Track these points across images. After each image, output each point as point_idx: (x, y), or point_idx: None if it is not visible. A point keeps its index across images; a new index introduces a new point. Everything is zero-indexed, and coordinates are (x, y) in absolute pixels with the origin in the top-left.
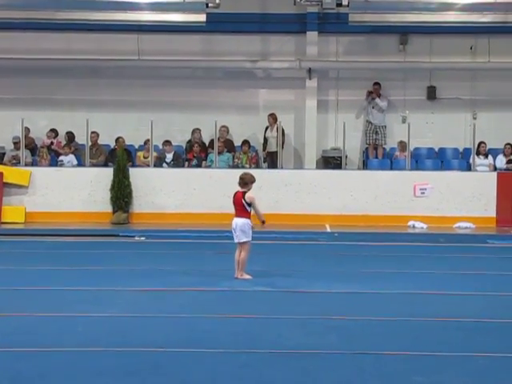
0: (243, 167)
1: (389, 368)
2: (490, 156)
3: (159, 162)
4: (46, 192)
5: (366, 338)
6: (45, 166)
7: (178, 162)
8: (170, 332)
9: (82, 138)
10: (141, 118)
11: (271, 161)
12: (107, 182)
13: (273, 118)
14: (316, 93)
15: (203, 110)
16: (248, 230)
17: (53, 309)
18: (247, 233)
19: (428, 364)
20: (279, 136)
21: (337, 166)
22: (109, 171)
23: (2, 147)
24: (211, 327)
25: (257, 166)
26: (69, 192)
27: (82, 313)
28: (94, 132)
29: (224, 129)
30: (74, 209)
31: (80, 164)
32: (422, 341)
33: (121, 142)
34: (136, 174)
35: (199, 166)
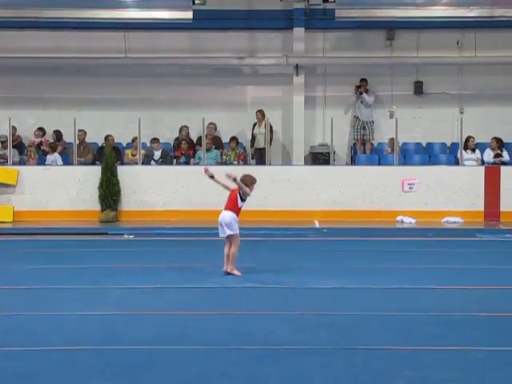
0: (231, 164)
1: (379, 363)
2: (478, 150)
3: (147, 160)
4: (34, 191)
5: (357, 334)
6: (33, 165)
7: (166, 160)
8: (160, 329)
9: (70, 137)
10: (128, 116)
11: (259, 157)
12: (95, 181)
13: (261, 114)
14: (303, 89)
15: (191, 108)
16: (234, 224)
17: (42, 308)
18: (233, 226)
19: (418, 359)
20: (267, 132)
21: (325, 162)
22: (97, 169)
23: None
24: (201, 324)
25: (245, 163)
26: (57, 191)
27: (72, 311)
28: (82, 130)
29: (212, 126)
30: (63, 207)
31: (68, 163)
32: (412, 335)
33: (110, 141)
34: (124, 172)
35: (187, 164)
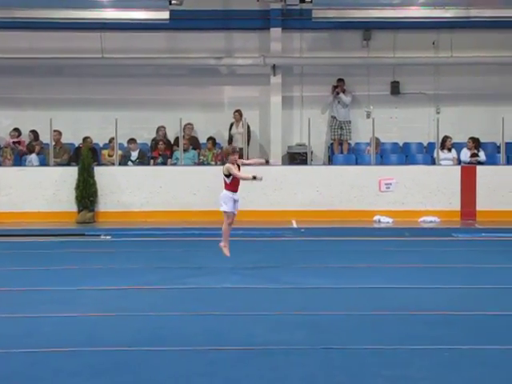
0: (209, 164)
1: (357, 362)
2: (454, 150)
3: (124, 161)
4: (10, 192)
5: (334, 333)
6: (8, 166)
7: (144, 160)
8: (137, 330)
9: (46, 137)
10: (105, 117)
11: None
12: (72, 181)
13: (239, 115)
14: (280, 89)
15: (168, 108)
16: (225, 201)
17: (18, 310)
18: (224, 203)
19: (395, 358)
20: (245, 133)
21: (302, 162)
22: (73, 170)
23: None
24: (179, 325)
25: (222, 163)
26: (33, 192)
27: (48, 313)
28: (56, 131)
29: (189, 126)
30: (39, 208)
31: (44, 163)
32: (389, 335)
33: (88, 143)
34: (101, 173)
35: (164, 164)
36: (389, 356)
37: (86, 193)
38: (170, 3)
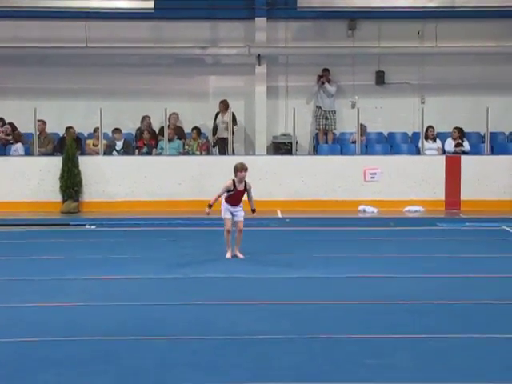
0: (194, 154)
1: (341, 352)
2: (439, 140)
3: (109, 150)
4: None
5: (318, 323)
6: None
7: (128, 150)
8: (122, 320)
9: (30, 127)
10: (90, 106)
11: (222, 147)
12: (56, 171)
13: (223, 105)
14: (266, 79)
15: (153, 98)
16: (223, 210)
17: (2, 299)
18: (223, 211)
19: (379, 347)
20: (230, 123)
21: (287, 152)
22: (58, 160)
23: None
24: (163, 315)
25: (208, 153)
26: (17, 181)
27: (33, 303)
28: (41, 120)
29: (174, 116)
30: (23, 198)
31: (28, 153)
32: (373, 324)
33: (71, 133)
34: (86, 163)
35: (149, 154)
36: (373, 345)
37: (71, 183)
38: None
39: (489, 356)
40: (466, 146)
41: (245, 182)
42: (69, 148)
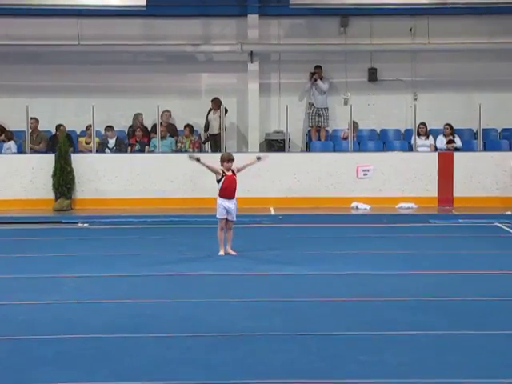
0: (186, 151)
1: (334, 348)
2: (431, 136)
3: (101, 148)
4: None
5: (311, 320)
6: None
7: (121, 148)
8: (114, 318)
9: (22, 125)
10: (82, 104)
11: (214, 144)
12: (49, 169)
13: (215, 103)
14: (258, 76)
15: (145, 95)
16: (217, 207)
17: None
18: (217, 209)
19: (372, 343)
20: (222, 121)
21: (280, 149)
22: (50, 157)
23: None
24: (156, 312)
25: (200, 150)
26: (10, 179)
27: (26, 300)
28: (34, 118)
29: (166, 113)
30: (16, 196)
31: (20, 151)
32: (366, 321)
33: (62, 131)
34: (78, 160)
35: (142, 151)
36: (365, 342)
37: (63, 180)
38: None
39: (481, 352)
40: (458, 143)
41: (232, 171)
42: (61, 146)
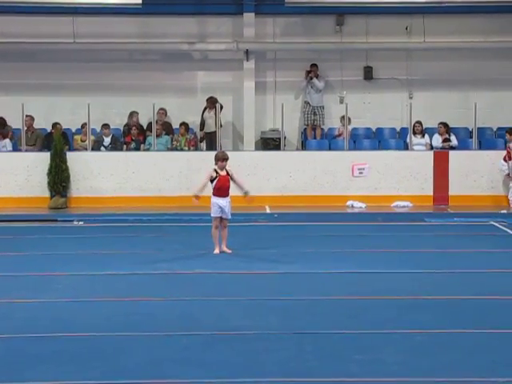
0: (182, 150)
1: (329, 347)
2: (427, 135)
3: (97, 146)
4: None
5: (307, 318)
6: None
7: (116, 146)
8: (110, 316)
9: (18, 123)
10: (77, 102)
11: (210, 142)
12: (44, 167)
13: (211, 102)
14: (254, 74)
15: (141, 93)
16: (211, 206)
17: None
18: (211, 208)
19: (367, 342)
20: (218, 119)
21: (275, 147)
22: (46, 155)
23: None
24: (152, 310)
25: (196, 149)
26: (5, 177)
27: (21, 299)
28: (29, 116)
29: (162, 111)
30: (11, 194)
31: (16, 149)
32: (361, 319)
33: (58, 129)
34: (73, 158)
35: (137, 149)
36: (361, 340)
37: (59, 178)
38: None
39: (478, 351)
40: (454, 141)
41: (226, 170)
42: (57, 143)
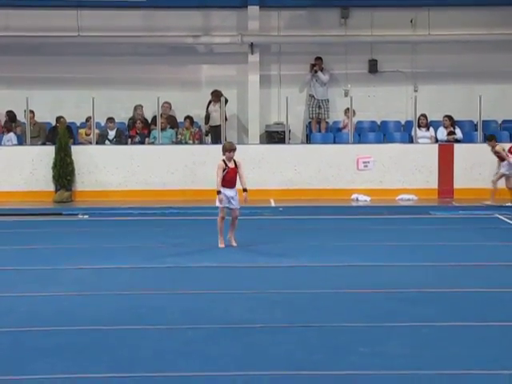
0: (186, 143)
1: (334, 340)
2: (432, 128)
3: (102, 140)
4: None
5: (311, 311)
6: None
7: (121, 139)
8: (116, 309)
9: (20, 117)
10: (82, 95)
11: (214, 135)
12: (49, 161)
13: (216, 95)
14: (258, 67)
15: (145, 87)
16: (218, 199)
17: None
18: (217, 201)
19: (372, 335)
20: (223, 112)
21: (280, 141)
22: (50, 149)
23: None
24: (157, 304)
25: (200, 142)
26: (10, 171)
27: (26, 292)
28: (30, 111)
29: (167, 105)
30: (16, 188)
31: (20, 143)
32: (366, 312)
33: (62, 123)
34: (78, 152)
35: (142, 143)
36: (366, 333)
37: (63, 172)
38: None
39: (482, 344)
40: (459, 134)
41: (234, 161)
42: (61, 137)
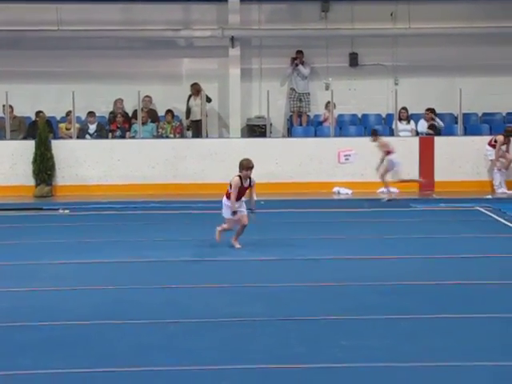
0: (167, 137)
1: (315, 333)
2: (412, 121)
3: (82, 134)
4: None
5: (292, 305)
6: None
7: (102, 133)
8: (96, 304)
9: (0, 111)
10: (62, 90)
11: (195, 129)
12: (29, 155)
13: (195, 89)
14: (239, 61)
15: (126, 80)
16: (224, 209)
17: None
18: (224, 211)
19: (353, 328)
20: (203, 106)
21: (261, 134)
22: (30, 144)
23: None
24: (138, 298)
25: (181, 136)
26: None
27: (6, 288)
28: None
29: (147, 99)
30: None
31: (0, 137)
32: (348, 305)
33: (42, 117)
34: (58, 146)
35: (123, 137)
36: (348, 326)
37: (44, 166)
38: None
39: (463, 336)
40: (440, 122)
41: (249, 179)
42: (41, 132)
